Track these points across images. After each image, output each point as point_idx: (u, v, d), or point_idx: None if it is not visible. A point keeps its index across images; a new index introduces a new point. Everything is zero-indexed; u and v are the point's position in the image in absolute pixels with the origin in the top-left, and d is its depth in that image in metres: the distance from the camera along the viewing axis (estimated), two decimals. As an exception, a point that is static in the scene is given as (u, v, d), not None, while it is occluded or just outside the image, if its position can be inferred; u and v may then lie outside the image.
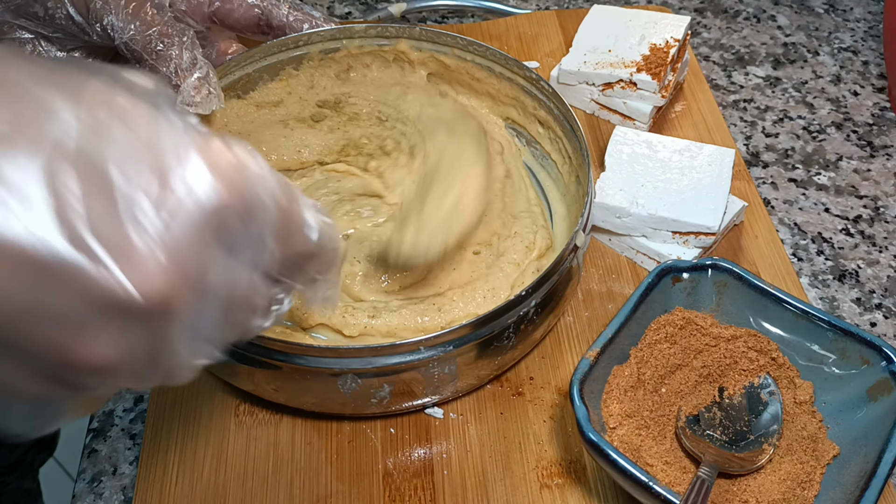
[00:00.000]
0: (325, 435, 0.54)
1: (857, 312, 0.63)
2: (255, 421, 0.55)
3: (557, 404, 0.55)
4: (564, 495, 0.51)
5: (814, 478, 0.49)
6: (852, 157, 0.75)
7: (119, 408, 0.58)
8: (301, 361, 0.47)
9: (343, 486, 0.52)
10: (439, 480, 0.52)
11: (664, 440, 0.51)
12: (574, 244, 0.51)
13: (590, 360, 0.49)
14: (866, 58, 0.85)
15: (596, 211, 0.62)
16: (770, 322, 0.54)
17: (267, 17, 0.60)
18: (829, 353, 0.53)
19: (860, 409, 0.51)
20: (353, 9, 0.91)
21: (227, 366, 0.50)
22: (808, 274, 0.66)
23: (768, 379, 0.53)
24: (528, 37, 0.82)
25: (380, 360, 0.47)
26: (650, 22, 0.75)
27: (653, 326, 0.54)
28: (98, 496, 0.54)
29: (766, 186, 0.72)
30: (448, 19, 0.91)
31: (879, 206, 0.71)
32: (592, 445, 0.46)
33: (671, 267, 0.54)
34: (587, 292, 0.62)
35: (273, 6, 0.60)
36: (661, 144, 0.65)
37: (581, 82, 0.73)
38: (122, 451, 0.56)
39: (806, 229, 0.69)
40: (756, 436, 0.51)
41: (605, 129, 0.74)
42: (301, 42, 0.64)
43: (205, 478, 0.52)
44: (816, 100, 0.80)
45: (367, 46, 0.66)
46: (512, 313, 0.49)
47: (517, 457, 0.53)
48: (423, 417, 0.55)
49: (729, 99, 0.81)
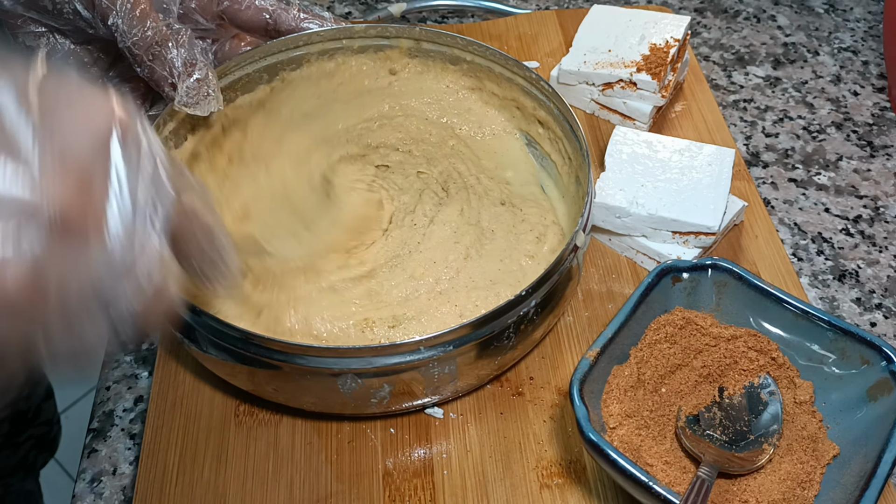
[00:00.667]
0: (325, 435, 0.54)
1: (857, 312, 0.63)
2: (255, 421, 0.55)
3: (557, 404, 0.55)
4: (564, 495, 0.51)
5: (814, 478, 0.49)
6: (852, 157, 0.75)
7: (119, 408, 0.58)
8: (301, 361, 0.47)
9: (343, 486, 0.52)
10: (439, 480, 0.52)
11: (664, 440, 0.51)
12: (574, 244, 0.51)
13: (590, 360, 0.49)
14: (866, 58, 0.85)
15: (596, 211, 0.62)
16: (770, 322, 0.54)
17: (275, 22, 0.60)
18: (829, 353, 0.53)
19: (860, 409, 0.51)
20: (353, 9, 0.91)
21: (227, 366, 0.50)
22: (808, 274, 0.66)
23: (768, 379, 0.53)
24: (528, 37, 0.82)
25: (380, 359, 0.47)
26: (650, 22, 0.75)
27: (653, 326, 0.54)
28: (98, 496, 0.54)
29: (766, 186, 0.72)
30: (448, 19, 0.91)
31: (879, 206, 0.71)
32: (592, 445, 0.46)
33: (671, 267, 0.54)
34: (587, 292, 0.62)
35: (282, 10, 0.60)
36: (661, 144, 0.65)
37: (581, 82, 0.73)
38: (122, 451, 0.56)
39: (806, 229, 0.69)
40: (756, 436, 0.51)
41: (605, 129, 0.74)
42: (301, 42, 0.64)
43: (205, 478, 0.52)
44: (816, 100, 0.80)
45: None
46: (512, 313, 0.49)
47: (517, 457, 0.53)
48: (423, 417, 0.55)
49: (729, 99, 0.81)
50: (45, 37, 0.55)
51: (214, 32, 0.61)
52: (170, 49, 0.51)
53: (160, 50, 0.51)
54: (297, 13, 0.61)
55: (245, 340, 0.47)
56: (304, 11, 0.61)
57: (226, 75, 0.61)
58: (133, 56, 0.51)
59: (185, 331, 0.50)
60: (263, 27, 0.60)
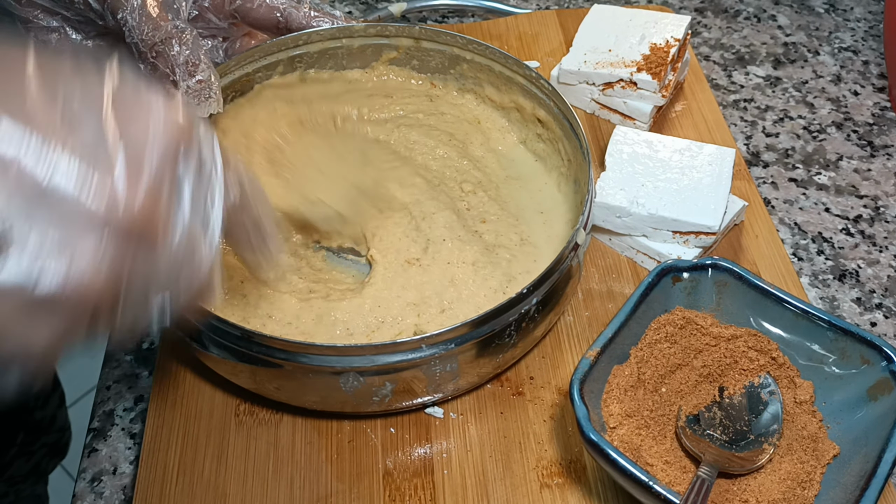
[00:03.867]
0: (325, 434, 0.54)
1: (857, 312, 0.64)
2: (256, 420, 0.55)
3: (557, 404, 0.55)
4: (564, 495, 0.51)
5: (814, 477, 0.49)
6: (852, 157, 0.75)
7: (119, 408, 0.58)
8: (303, 360, 0.47)
9: (343, 485, 0.52)
10: (439, 480, 0.52)
11: (664, 440, 0.51)
12: (575, 242, 0.51)
13: (590, 360, 0.49)
14: (867, 57, 0.85)
15: (596, 210, 0.62)
16: (770, 322, 0.54)
17: (287, 20, 0.60)
18: (830, 353, 0.53)
19: (860, 408, 0.51)
20: (353, 8, 0.91)
21: (228, 364, 0.50)
22: (808, 274, 0.66)
23: (768, 378, 0.53)
24: (529, 36, 0.82)
25: (382, 357, 0.47)
26: (650, 21, 0.75)
27: (653, 326, 0.54)
28: (98, 496, 0.54)
29: (766, 186, 0.72)
30: (448, 19, 0.91)
31: (879, 205, 0.71)
32: (592, 445, 0.46)
33: (671, 266, 0.54)
34: (587, 292, 0.62)
35: (293, 8, 0.60)
36: (661, 144, 0.65)
37: (581, 82, 0.73)
38: (122, 451, 0.56)
39: (806, 229, 0.69)
40: (756, 435, 0.51)
41: (606, 128, 0.74)
42: (301, 41, 0.64)
43: (205, 478, 0.52)
44: (817, 99, 0.80)
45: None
46: (513, 311, 0.49)
47: (517, 456, 0.53)
48: (424, 417, 0.55)
49: (729, 99, 0.81)
50: (57, 31, 0.56)
51: (227, 31, 0.62)
52: (173, 47, 0.51)
53: (164, 48, 0.51)
54: (309, 11, 0.61)
55: (247, 339, 0.47)
56: (315, 9, 0.62)
57: (225, 75, 0.61)
58: (138, 52, 0.52)
59: (188, 330, 0.50)
60: (275, 25, 0.60)
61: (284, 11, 0.60)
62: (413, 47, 0.67)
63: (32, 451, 0.85)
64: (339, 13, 0.63)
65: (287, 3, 0.60)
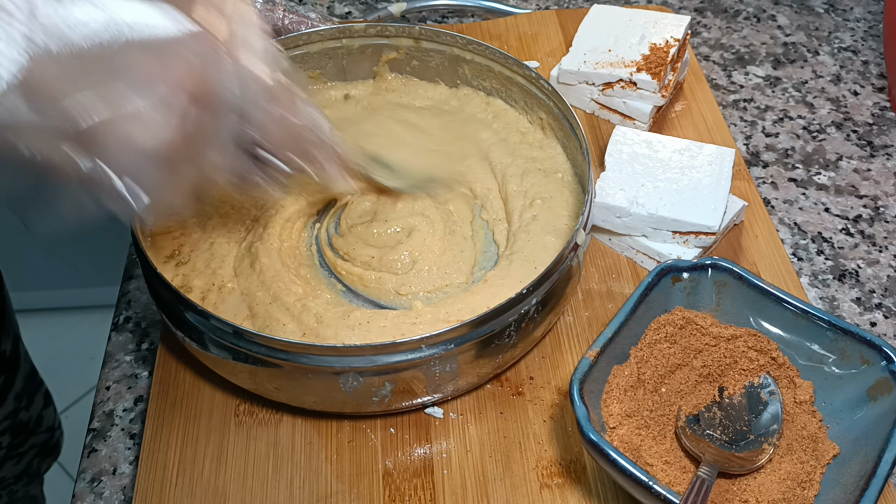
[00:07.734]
0: (325, 435, 0.54)
1: (857, 312, 0.64)
2: (255, 421, 0.55)
3: (557, 404, 0.55)
4: (564, 495, 0.51)
5: (814, 477, 0.49)
6: (852, 157, 0.75)
7: (119, 408, 0.58)
8: (303, 360, 0.47)
9: (343, 485, 0.52)
10: (439, 480, 0.52)
11: (664, 440, 0.51)
12: (574, 242, 0.51)
13: (590, 360, 0.49)
14: (866, 57, 0.85)
15: (596, 211, 0.62)
16: (770, 322, 0.54)
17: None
18: (829, 353, 0.53)
19: (860, 408, 0.51)
20: (353, 8, 0.91)
21: (228, 364, 0.50)
22: (808, 274, 0.66)
23: (768, 378, 0.53)
24: (528, 36, 0.82)
25: (381, 358, 0.47)
26: (650, 21, 0.75)
27: (653, 326, 0.54)
28: (98, 496, 0.54)
29: (766, 186, 0.72)
30: (448, 19, 0.91)
31: (879, 205, 0.71)
32: (592, 445, 0.46)
33: (671, 267, 0.54)
34: (587, 292, 0.62)
35: (268, 11, 0.60)
36: (661, 144, 0.65)
37: (581, 82, 0.73)
38: (122, 451, 0.56)
39: (806, 229, 0.69)
40: (756, 435, 0.51)
41: (605, 128, 0.74)
42: (301, 42, 0.64)
43: (205, 478, 0.52)
44: (816, 99, 0.80)
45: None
46: (513, 311, 0.49)
47: (517, 456, 0.53)
48: (423, 417, 0.55)
49: (729, 99, 0.81)
50: None
51: None
52: None
53: None
54: (283, 13, 0.61)
55: (247, 339, 0.47)
56: (290, 12, 0.61)
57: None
58: None
59: (187, 330, 0.50)
60: None
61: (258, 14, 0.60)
62: (413, 47, 0.67)
63: (22, 453, 0.85)
64: (315, 14, 0.63)
65: (262, 7, 0.60)
